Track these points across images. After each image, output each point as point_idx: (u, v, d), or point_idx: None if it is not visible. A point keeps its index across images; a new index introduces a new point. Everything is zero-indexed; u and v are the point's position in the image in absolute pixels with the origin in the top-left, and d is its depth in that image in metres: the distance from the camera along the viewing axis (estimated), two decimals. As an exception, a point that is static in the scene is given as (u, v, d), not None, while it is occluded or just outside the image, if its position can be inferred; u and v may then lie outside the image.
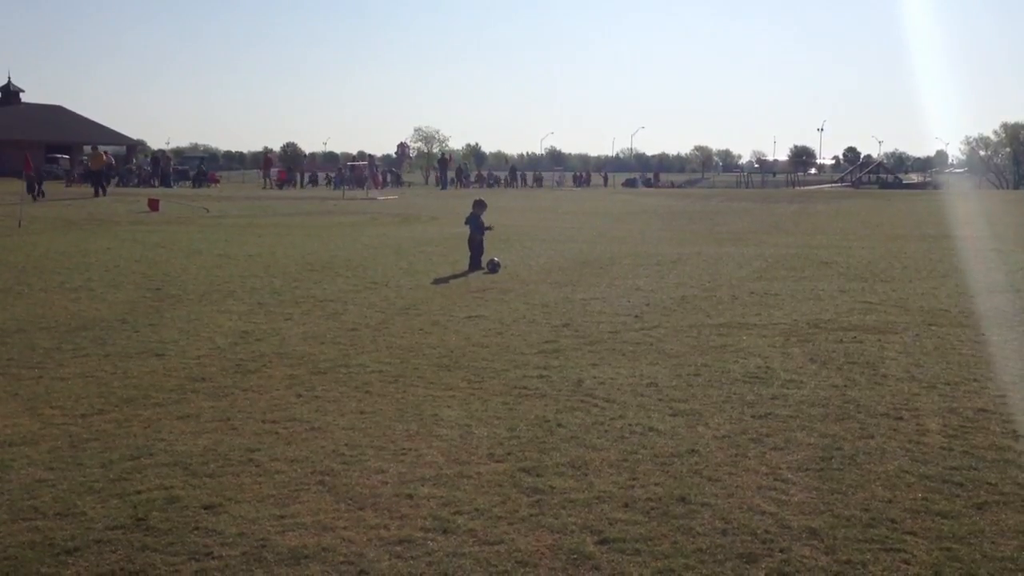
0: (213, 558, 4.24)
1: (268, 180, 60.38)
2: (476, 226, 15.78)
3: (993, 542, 4.45)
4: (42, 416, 6.49)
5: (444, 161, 69.84)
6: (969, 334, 9.66)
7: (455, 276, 14.25)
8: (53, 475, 5.31)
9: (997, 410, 6.74)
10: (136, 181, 56.22)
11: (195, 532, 4.52)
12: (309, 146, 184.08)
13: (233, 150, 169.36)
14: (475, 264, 15.19)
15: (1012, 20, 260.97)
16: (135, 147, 77.35)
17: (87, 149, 67.40)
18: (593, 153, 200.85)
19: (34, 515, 4.72)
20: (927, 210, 36.58)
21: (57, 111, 73.83)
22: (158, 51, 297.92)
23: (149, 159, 65.89)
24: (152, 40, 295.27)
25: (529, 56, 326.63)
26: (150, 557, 4.24)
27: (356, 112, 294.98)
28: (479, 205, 16.38)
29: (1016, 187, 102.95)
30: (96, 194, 36.14)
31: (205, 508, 4.82)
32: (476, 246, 15.50)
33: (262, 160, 71.78)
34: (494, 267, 14.87)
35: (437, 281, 13.70)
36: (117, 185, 53.31)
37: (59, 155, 66.07)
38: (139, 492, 5.04)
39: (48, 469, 5.41)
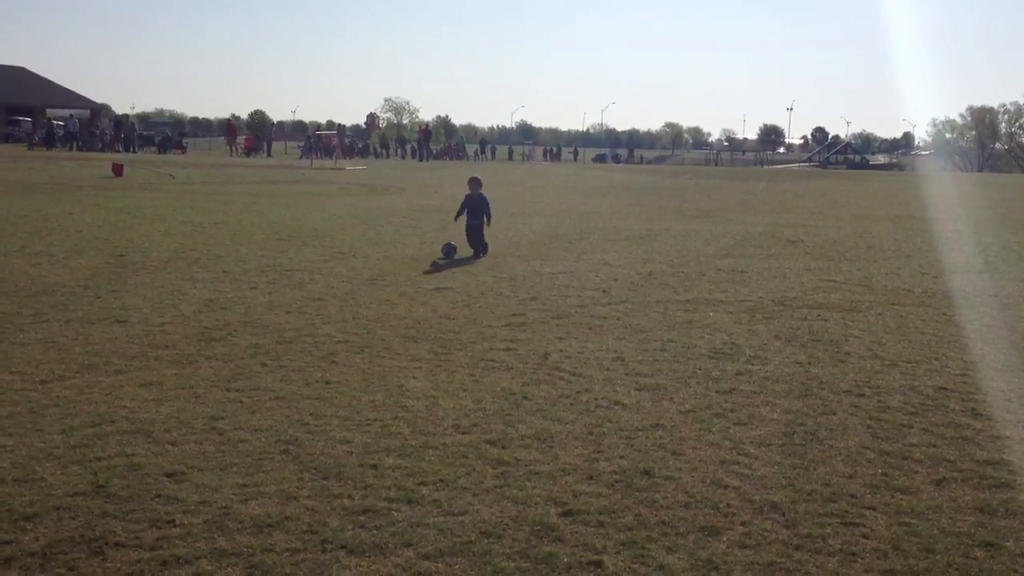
0: (175, 526, 4.20)
1: (233, 148, 59.74)
2: (475, 212, 13.79)
3: (951, 518, 4.52)
4: (1, 381, 6.39)
5: (427, 133, 69.38)
6: (931, 314, 9.78)
7: (423, 248, 14.16)
8: (12, 441, 5.23)
9: (957, 389, 6.84)
10: (100, 146, 55.30)
11: (156, 500, 4.48)
12: (277, 114, 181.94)
13: (200, 116, 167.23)
14: (479, 249, 13.54)
15: (980, 4, 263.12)
16: (99, 111, 76.02)
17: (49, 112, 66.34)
18: (564, 127, 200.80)
19: (-8, 481, 4.65)
20: (893, 191, 36.97)
21: (19, 72, 72.41)
22: (124, 13, 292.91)
23: (112, 123, 64.72)
24: (118, 1, 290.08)
25: (501, 28, 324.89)
26: (110, 524, 4.20)
27: (326, 81, 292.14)
28: (477, 182, 14.20)
29: (980, 170, 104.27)
30: None
31: (167, 476, 4.78)
32: (475, 233, 13.67)
33: (225, 128, 70.96)
34: (449, 251, 13.21)
35: (405, 252, 13.62)
36: (79, 149, 52.51)
37: (21, 118, 64.88)
38: (100, 459, 4.98)
39: (7, 435, 5.33)
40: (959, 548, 4.20)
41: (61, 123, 61.68)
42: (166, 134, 65.20)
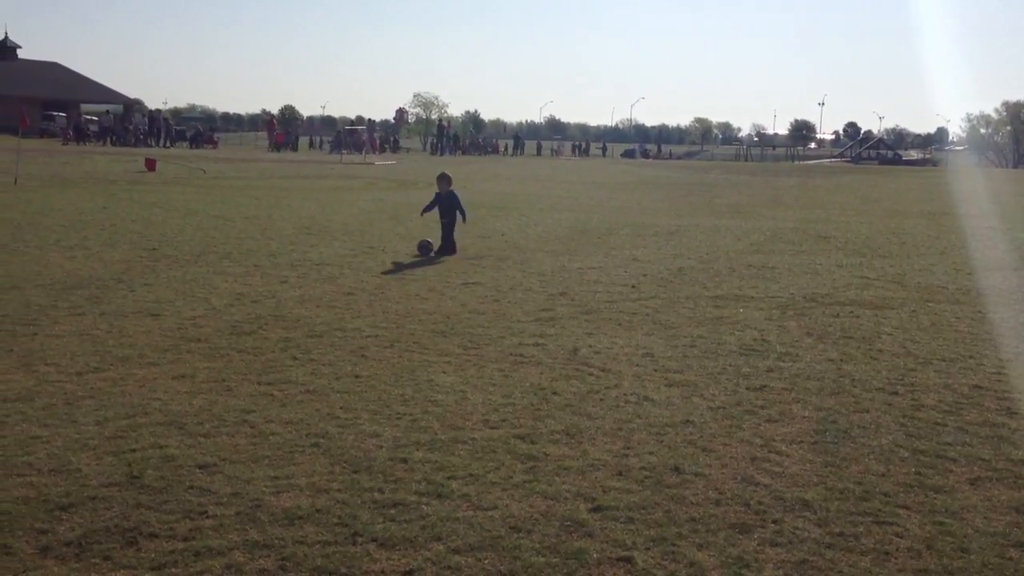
0: (207, 517, 4.24)
1: (272, 143, 60.50)
2: (444, 210, 13.31)
3: (985, 517, 4.46)
4: (37, 373, 6.48)
5: (443, 128, 69.93)
6: (966, 311, 9.66)
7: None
8: (48, 432, 5.30)
9: (992, 387, 6.75)
10: (133, 141, 55.86)
11: (189, 491, 4.52)
12: (307, 110, 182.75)
13: (231, 111, 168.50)
14: (446, 248, 13.03)
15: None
16: (132, 106, 76.73)
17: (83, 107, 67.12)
18: (592, 123, 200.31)
19: (28, 471, 4.72)
20: (926, 187, 36.56)
21: (54, 68, 73.22)
22: (157, 9, 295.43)
23: (146, 118, 65.36)
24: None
25: (530, 24, 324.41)
26: (144, 515, 4.24)
27: (355, 76, 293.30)
28: (446, 180, 13.68)
29: (1016, 166, 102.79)
30: None
31: (200, 467, 4.82)
32: (445, 228, 13.23)
33: (267, 124, 72.29)
34: (425, 249, 12.86)
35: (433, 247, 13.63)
36: (113, 144, 53.08)
37: (56, 112, 65.63)
38: (134, 450, 5.04)
39: (43, 426, 5.40)
40: (994, 548, 4.15)
41: (95, 119, 62.33)
42: (198, 129, 65.73)
